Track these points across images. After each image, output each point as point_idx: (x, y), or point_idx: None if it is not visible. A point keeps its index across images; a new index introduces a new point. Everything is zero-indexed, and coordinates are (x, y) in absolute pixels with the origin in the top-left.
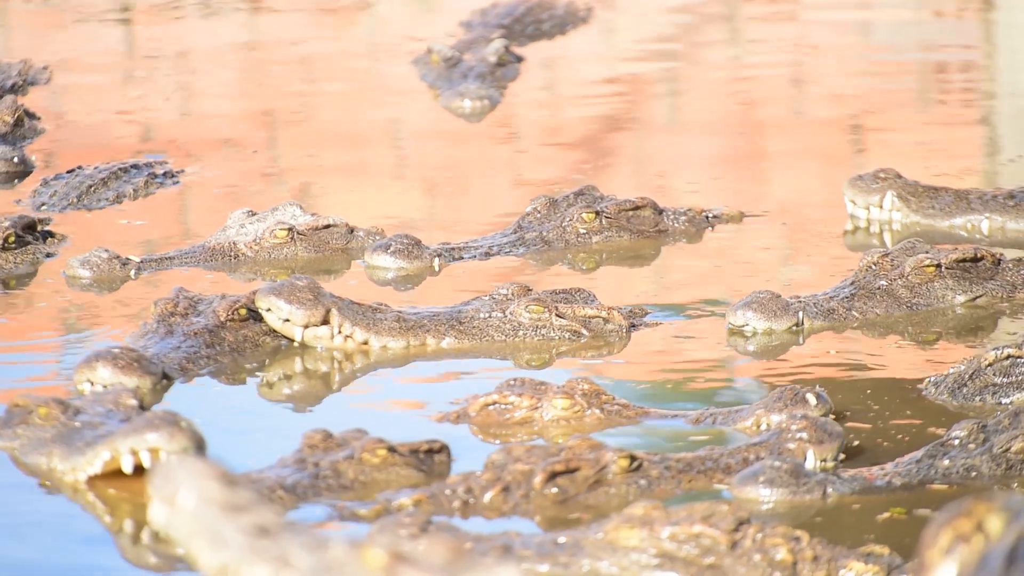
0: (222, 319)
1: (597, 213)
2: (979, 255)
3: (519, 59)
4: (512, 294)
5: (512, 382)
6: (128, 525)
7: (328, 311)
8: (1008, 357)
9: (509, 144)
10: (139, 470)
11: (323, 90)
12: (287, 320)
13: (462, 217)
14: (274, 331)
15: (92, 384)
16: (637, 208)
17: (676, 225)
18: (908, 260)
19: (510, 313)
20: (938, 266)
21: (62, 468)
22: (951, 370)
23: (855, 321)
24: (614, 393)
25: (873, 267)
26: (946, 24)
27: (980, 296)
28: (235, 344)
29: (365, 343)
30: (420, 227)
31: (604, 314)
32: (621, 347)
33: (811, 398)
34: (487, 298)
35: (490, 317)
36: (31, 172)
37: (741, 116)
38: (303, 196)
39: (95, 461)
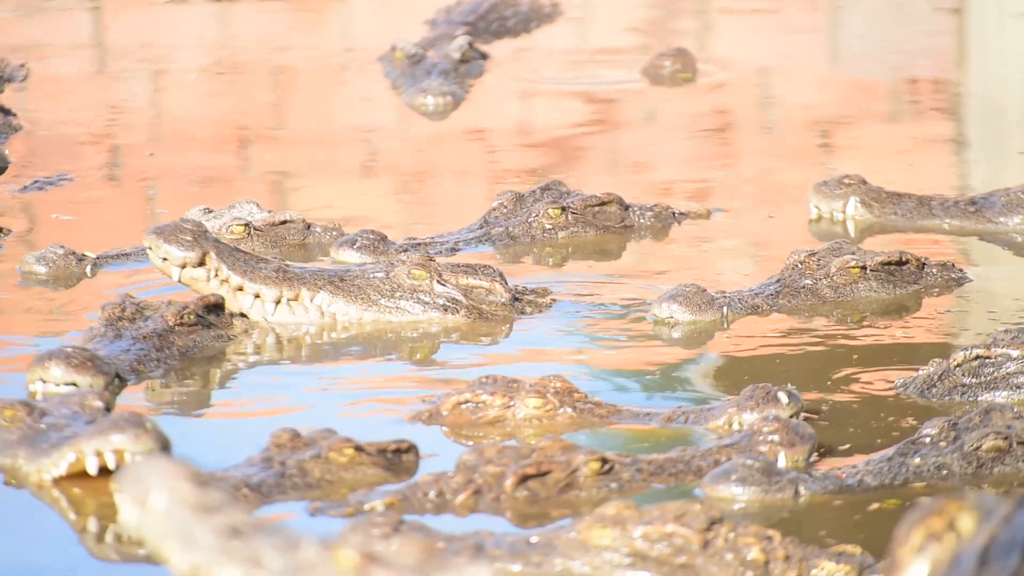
0: (171, 323)
1: (563, 209)
2: (904, 259)
3: (483, 56)
4: (409, 260)
5: (484, 380)
6: (92, 525)
7: (206, 253)
8: (977, 358)
9: (473, 141)
10: (105, 471)
11: (288, 90)
12: (165, 259)
13: (427, 215)
14: (224, 336)
15: (44, 383)
16: (603, 204)
17: (642, 221)
18: (834, 261)
19: (392, 275)
20: (863, 268)
21: (27, 470)
22: (920, 371)
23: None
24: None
25: (799, 266)
26: (917, 20)
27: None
28: (184, 348)
29: (240, 288)
30: (385, 226)
31: (486, 284)
32: (507, 333)
33: (783, 396)
34: (386, 262)
35: (372, 277)
36: (5, 169)
37: (711, 113)
38: (269, 195)
39: (60, 463)
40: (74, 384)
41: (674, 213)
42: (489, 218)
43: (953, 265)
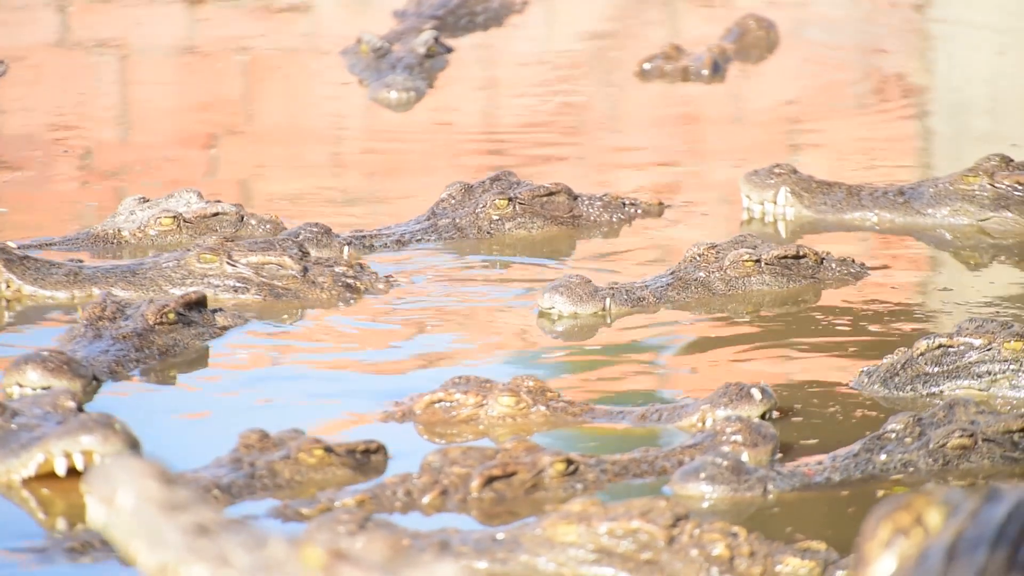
0: (151, 323)
1: (510, 199)
2: (801, 253)
3: (449, 50)
4: (202, 245)
5: (457, 380)
6: (62, 525)
7: None
8: (939, 346)
9: (435, 136)
10: (74, 472)
11: (254, 83)
12: None
13: (388, 208)
14: (205, 333)
15: (21, 387)
16: (551, 194)
17: (591, 211)
18: (728, 254)
19: (183, 263)
20: (757, 261)
21: None
22: (884, 360)
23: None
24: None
25: (697, 259)
26: (882, 15)
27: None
28: (164, 348)
29: (33, 296)
30: (344, 219)
31: (275, 259)
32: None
33: (756, 393)
34: (181, 250)
35: (164, 267)
36: None
37: (679, 108)
38: (234, 188)
39: (29, 463)
40: (51, 388)
41: (624, 204)
42: (437, 209)
43: (853, 260)
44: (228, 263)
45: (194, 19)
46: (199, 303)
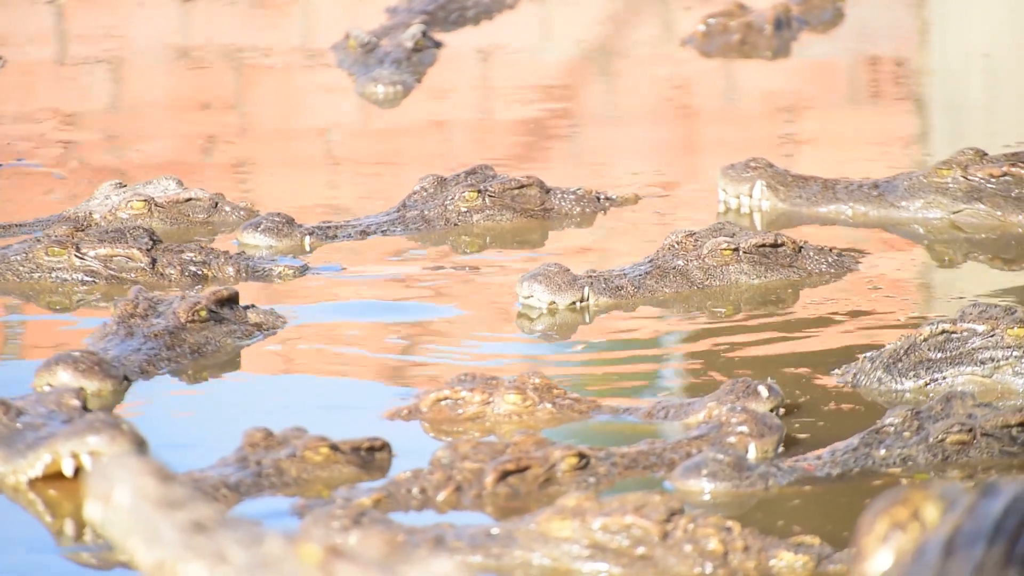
0: (183, 320)
1: (479, 192)
2: (779, 241)
3: (438, 44)
4: (50, 237)
5: (463, 376)
6: (69, 526)
7: None
8: (943, 332)
9: (422, 130)
10: (80, 472)
11: (246, 79)
12: None
13: (373, 202)
14: (237, 331)
15: (52, 388)
16: (522, 187)
17: (564, 205)
18: (707, 242)
19: (31, 255)
20: (735, 250)
21: (3, 470)
22: (888, 346)
23: (643, 299)
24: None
25: (675, 247)
26: (879, 6)
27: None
28: (196, 346)
29: None
30: (330, 212)
31: (123, 251)
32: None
33: (763, 390)
34: (30, 240)
35: (12, 260)
36: None
37: (674, 102)
38: (225, 183)
39: (36, 464)
40: (82, 389)
41: (599, 198)
42: (408, 201)
43: (831, 249)
44: (76, 256)
45: (187, 14)
46: (231, 300)
